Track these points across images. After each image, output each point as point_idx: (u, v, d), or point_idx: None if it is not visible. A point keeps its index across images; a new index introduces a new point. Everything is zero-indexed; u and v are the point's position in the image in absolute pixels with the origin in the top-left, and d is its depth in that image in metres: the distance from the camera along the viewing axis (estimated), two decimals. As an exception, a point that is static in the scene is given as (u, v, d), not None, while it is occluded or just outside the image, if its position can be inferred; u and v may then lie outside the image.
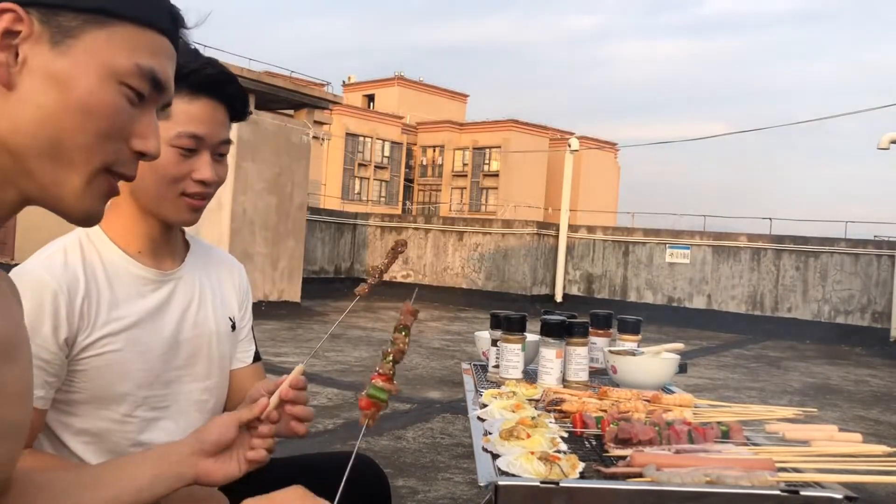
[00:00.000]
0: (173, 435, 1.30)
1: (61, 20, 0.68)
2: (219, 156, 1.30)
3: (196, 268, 1.40)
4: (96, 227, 1.29)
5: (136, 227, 1.29)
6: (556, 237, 16.71)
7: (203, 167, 1.26)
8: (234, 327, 1.45)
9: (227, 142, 1.32)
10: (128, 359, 1.24)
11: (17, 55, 0.67)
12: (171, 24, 0.77)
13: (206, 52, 1.34)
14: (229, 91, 1.30)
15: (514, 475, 1.23)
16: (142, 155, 0.75)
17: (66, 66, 0.68)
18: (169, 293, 1.33)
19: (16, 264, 1.67)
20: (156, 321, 1.29)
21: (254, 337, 1.55)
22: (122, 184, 0.77)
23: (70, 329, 1.17)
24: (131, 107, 0.73)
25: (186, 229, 1.42)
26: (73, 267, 1.23)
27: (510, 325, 2.06)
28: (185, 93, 1.23)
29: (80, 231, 1.26)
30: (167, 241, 1.34)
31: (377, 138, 44.13)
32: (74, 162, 0.70)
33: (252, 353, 1.52)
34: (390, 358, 1.24)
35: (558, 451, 1.35)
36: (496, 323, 2.16)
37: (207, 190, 1.28)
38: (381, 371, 1.23)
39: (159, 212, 1.28)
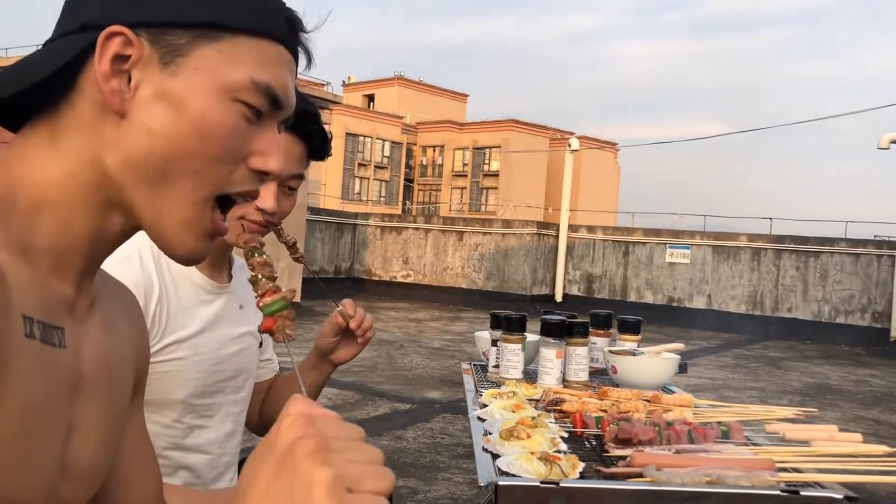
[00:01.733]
0: (211, 443, 1.35)
1: (170, 39, 0.63)
2: (288, 189, 1.32)
3: (239, 285, 1.43)
4: None
5: None
6: (556, 237, 16.72)
7: (266, 197, 1.25)
8: (261, 344, 1.49)
9: (299, 176, 1.33)
10: (188, 367, 1.27)
11: (129, 80, 0.63)
12: (287, 32, 0.69)
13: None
14: (309, 128, 1.32)
15: (514, 475, 1.23)
16: (263, 174, 0.69)
17: (177, 87, 0.63)
18: (222, 306, 1.36)
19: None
20: (213, 332, 1.32)
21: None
22: None
23: None
24: (248, 125, 0.66)
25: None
26: (149, 270, 1.24)
27: (510, 325, 2.06)
28: None
29: None
30: (222, 255, 1.37)
31: (377, 138, 44.14)
32: (180, 191, 0.65)
33: (276, 363, 1.62)
34: (260, 276, 1.26)
35: (558, 451, 1.35)
36: (496, 323, 2.16)
37: (268, 219, 1.28)
38: (260, 294, 1.27)
39: None
